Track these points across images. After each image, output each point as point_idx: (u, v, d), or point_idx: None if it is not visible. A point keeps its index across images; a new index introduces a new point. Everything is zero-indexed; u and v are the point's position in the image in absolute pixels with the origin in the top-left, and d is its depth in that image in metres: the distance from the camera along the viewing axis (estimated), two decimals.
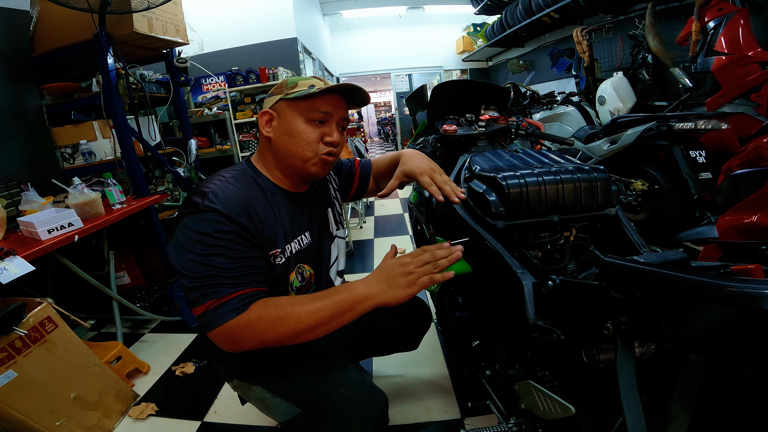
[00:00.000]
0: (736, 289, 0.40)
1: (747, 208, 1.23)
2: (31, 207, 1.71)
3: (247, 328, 0.69)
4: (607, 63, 4.08)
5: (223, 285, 0.71)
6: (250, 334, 0.70)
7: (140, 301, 2.24)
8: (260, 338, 0.70)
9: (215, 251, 0.72)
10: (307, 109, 0.84)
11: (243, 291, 0.72)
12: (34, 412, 1.27)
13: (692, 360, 0.50)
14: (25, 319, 1.28)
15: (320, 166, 0.88)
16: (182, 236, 0.75)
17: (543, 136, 1.49)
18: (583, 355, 0.68)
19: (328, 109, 0.85)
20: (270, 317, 0.70)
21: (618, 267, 0.56)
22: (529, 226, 0.95)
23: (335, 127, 0.88)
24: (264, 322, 0.70)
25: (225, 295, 0.70)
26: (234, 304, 0.70)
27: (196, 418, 1.50)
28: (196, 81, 4.21)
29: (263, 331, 0.70)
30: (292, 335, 0.71)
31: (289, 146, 0.85)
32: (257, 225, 0.80)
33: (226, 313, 0.69)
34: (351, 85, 0.87)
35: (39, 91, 2.20)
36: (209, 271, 0.71)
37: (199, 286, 0.71)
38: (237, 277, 0.72)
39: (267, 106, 0.88)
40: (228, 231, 0.74)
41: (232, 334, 0.70)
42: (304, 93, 0.83)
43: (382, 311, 1.23)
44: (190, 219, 0.75)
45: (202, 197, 0.76)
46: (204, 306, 0.71)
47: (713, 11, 2.38)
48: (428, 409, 1.43)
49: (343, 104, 0.90)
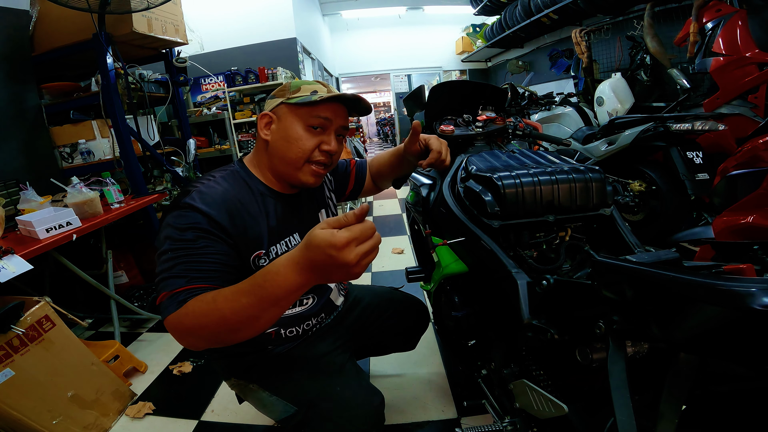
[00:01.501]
0: (723, 287, 0.40)
1: (743, 209, 1.24)
2: (30, 206, 1.72)
3: (180, 324, 0.66)
4: (606, 64, 4.09)
5: (177, 277, 0.69)
6: (184, 329, 0.66)
7: (138, 300, 2.24)
8: (194, 334, 0.65)
9: (182, 245, 0.72)
10: (307, 114, 0.85)
11: (193, 286, 0.68)
12: (31, 411, 1.27)
13: (682, 359, 0.50)
14: (23, 317, 1.28)
15: (311, 176, 0.88)
16: (161, 231, 0.76)
17: (540, 136, 1.50)
18: (577, 355, 0.68)
19: (328, 115, 0.85)
20: (196, 313, 0.64)
21: (610, 266, 0.57)
22: (525, 226, 0.95)
23: (333, 135, 0.88)
24: (191, 318, 0.65)
25: (175, 288, 0.68)
26: (179, 297, 0.67)
27: (193, 417, 1.50)
28: (196, 81, 4.21)
29: (193, 327, 0.65)
30: (225, 333, 0.64)
31: (285, 151, 0.86)
32: (239, 225, 0.81)
33: (169, 306, 0.67)
34: (354, 95, 0.87)
35: (38, 90, 2.21)
36: (170, 263, 0.71)
37: (161, 278, 0.71)
38: (194, 271, 0.70)
39: (268, 108, 0.89)
40: (199, 228, 0.74)
41: (172, 329, 0.67)
42: (306, 100, 0.83)
43: (380, 311, 1.24)
44: (171, 215, 0.77)
45: (185, 195, 0.78)
46: (160, 297, 0.70)
47: (711, 12, 2.39)
48: (425, 408, 1.44)
49: (343, 112, 0.90)
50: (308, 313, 1.02)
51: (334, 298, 1.12)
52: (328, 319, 1.10)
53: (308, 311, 1.02)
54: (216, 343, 0.67)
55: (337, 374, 0.99)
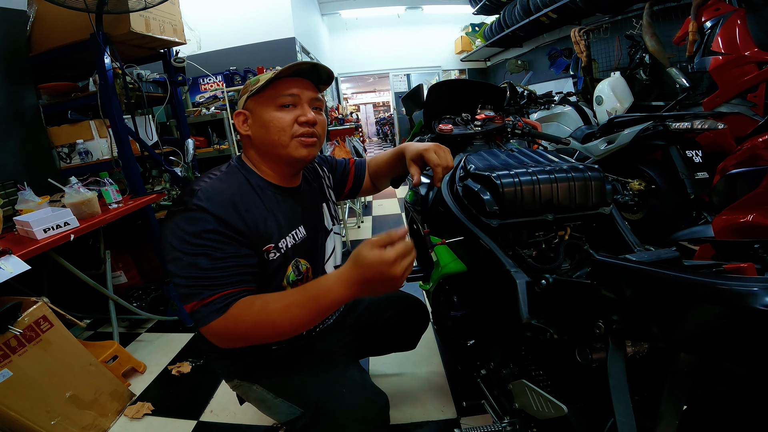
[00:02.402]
0: (724, 287, 0.40)
1: (743, 208, 1.24)
2: (28, 206, 1.71)
3: (229, 331, 0.71)
4: (605, 63, 4.09)
5: (206, 287, 0.72)
6: (234, 336, 0.72)
7: (137, 300, 2.24)
8: (243, 339, 0.73)
9: (200, 251, 0.73)
10: (272, 97, 0.85)
11: (225, 292, 0.72)
12: (29, 411, 1.27)
13: (681, 358, 0.50)
14: (21, 318, 1.28)
15: (302, 148, 0.87)
16: (171, 234, 0.75)
17: (539, 135, 1.49)
18: (577, 355, 0.68)
19: (294, 91, 0.86)
20: (247, 322, 0.71)
21: (609, 265, 0.56)
22: (524, 225, 0.95)
23: (307, 107, 0.88)
24: (243, 326, 0.71)
25: (206, 297, 0.71)
26: (216, 304, 0.71)
27: (192, 417, 1.49)
28: (194, 80, 4.19)
29: (245, 334, 0.72)
30: (272, 337, 0.73)
31: (266, 136, 0.86)
32: (248, 222, 0.80)
33: (209, 314, 0.71)
34: (308, 62, 0.86)
35: (36, 90, 2.20)
36: (193, 271, 0.72)
37: (184, 285, 0.73)
38: (220, 277, 0.73)
39: (239, 107, 0.90)
40: (213, 230, 0.74)
41: (215, 335, 0.72)
42: (267, 78, 0.84)
43: (381, 311, 1.23)
44: (179, 217, 0.76)
45: (192, 195, 0.77)
46: (190, 305, 0.72)
47: (710, 11, 2.39)
48: (424, 408, 1.43)
49: (309, 85, 0.90)
50: None
51: None
52: (330, 319, 1.10)
53: None
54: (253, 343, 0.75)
55: (341, 375, 0.98)
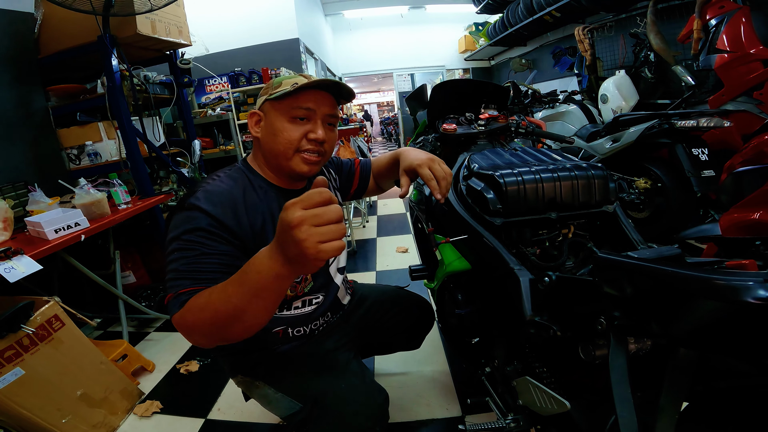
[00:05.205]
0: (720, 281, 0.40)
1: (749, 206, 1.23)
2: (39, 207, 1.74)
3: (184, 321, 0.67)
4: (610, 61, 4.07)
5: (183, 279, 0.71)
6: (187, 327, 0.67)
7: (146, 300, 2.26)
8: (196, 330, 0.66)
9: (187, 246, 0.74)
10: (288, 107, 0.85)
11: (197, 287, 0.69)
12: (40, 410, 1.29)
13: (681, 354, 0.51)
14: (33, 317, 1.30)
15: (303, 164, 0.88)
16: (168, 232, 0.78)
17: (543, 134, 1.50)
18: (580, 351, 0.68)
19: (310, 105, 0.86)
20: (193, 309, 0.66)
21: (610, 262, 0.57)
22: (527, 223, 0.95)
23: (320, 123, 0.88)
24: (191, 315, 0.66)
25: (179, 288, 0.70)
26: (182, 297, 0.69)
27: (200, 415, 1.51)
28: (200, 82, 4.23)
29: (194, 323, 0.66)
30: (220, 327, 0.63)
31: (273, 144, 0.87)
32: (244, 223, 0.82)
33: (172, 307, 0.69)
34: (331, 80, 0.87)
35: (45, 92, 2.23)
36: (176, 265, 0.73)
37: (168, 279, 0.73)
38: (198, 272, 0.71)
39: (256, 107, 0.91)
40: (204, 228, 0.75)
41: (178, 327, 0.68)
42: (285, 91, 0.84)
43: (385, 309, 1.24)
44: (177, 216, 0.78)
45: (191, 195, 0.80)
46: (167, 297, 0.72)
47: (714, 9, 2.37)
48: (429, 406, 1.44)
49: (328, 100, 0.89)
50: (316, 313, 1.03)
51: (342, 297, 1.13)
52: (334, 317, 1.11)
53: (317, 311, 1.03)
54: (217, 339, 0.67)
55: (341, 371, 1.00)
